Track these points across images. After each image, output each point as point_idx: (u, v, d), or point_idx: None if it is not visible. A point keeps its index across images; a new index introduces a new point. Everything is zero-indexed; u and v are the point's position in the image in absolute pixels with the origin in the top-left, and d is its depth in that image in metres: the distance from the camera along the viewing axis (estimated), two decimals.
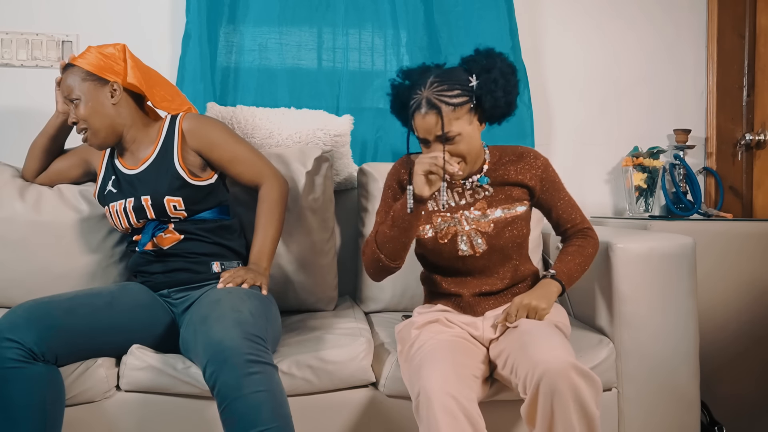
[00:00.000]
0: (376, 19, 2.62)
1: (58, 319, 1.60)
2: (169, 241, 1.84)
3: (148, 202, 1.83)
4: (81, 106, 1.84)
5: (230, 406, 1.44)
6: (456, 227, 1.74)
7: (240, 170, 1.91)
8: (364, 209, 2.28)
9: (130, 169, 1.90)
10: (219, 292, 1.68)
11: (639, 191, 2.67)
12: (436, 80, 1.64)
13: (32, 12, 2.54)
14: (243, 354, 1.46)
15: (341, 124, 2.32)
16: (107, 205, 1.91)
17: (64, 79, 1.87)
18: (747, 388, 2.38)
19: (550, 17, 2.78)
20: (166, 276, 1.85)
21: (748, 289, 2.38)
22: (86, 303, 1.70)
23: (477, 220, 1.73)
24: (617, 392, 1.84)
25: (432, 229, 1.75)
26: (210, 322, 1.54)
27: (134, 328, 1.74)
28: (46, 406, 1.52)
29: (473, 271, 1.76)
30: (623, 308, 1.85)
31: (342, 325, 1.95)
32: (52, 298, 1.68)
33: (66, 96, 1.86)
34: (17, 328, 1.54)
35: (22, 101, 2.53)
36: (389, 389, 1.75)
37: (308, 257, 2.12)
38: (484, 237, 1.72)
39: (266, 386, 1.46)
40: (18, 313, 1.58)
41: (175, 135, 1.89)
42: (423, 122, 1.63)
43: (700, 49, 2.84)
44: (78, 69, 1.86)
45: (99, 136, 1.87)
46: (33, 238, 2.04)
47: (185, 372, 1.67)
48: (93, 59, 1.87)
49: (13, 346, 1.51)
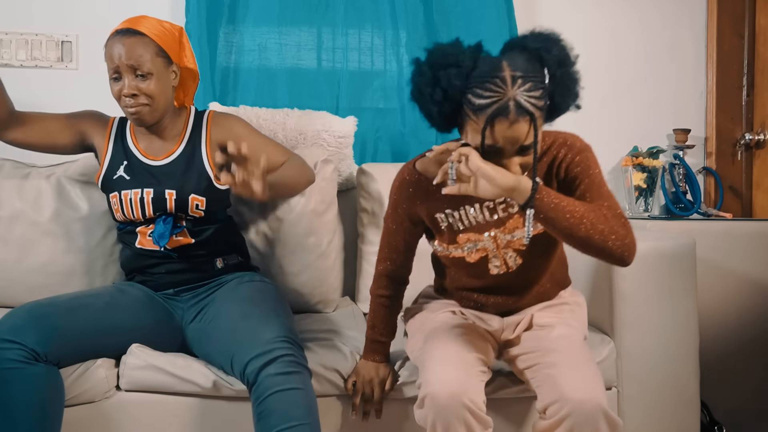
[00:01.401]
0: (376, 20, 2.62)
1: (60, 321, 1.60)
2: (179, 243, 1.83)
3: (172, 197, 1.79)
4: (152, 82, 1.74)
5: (268, 399, 1.48)
6: (486, 246, 1.53)
7: (271, 160, 1.80)
8: (363, 209, 2.28)
9: (151, 159, 1.85)
10: (252, 287, 1.79)
11: (639, 191, 2.67)
12: (520, 76, 1.30)
13: (32, 12, 2.53)
14: (289, 354, 1.54)
15: (345, 126, 2.33)
16: (116, 191, 1.82)
17: (131, 45, 1.73)
18: (747, 387, 2.38)
19: (550, 17, 2.78)
20: (171, 276, 1.84)
21: (748, 288, 2.38)
22: (86, 304, 1.70)
23: (510, 240, 1.52)
24: (617, 392, 1.84)
25: (453, 250, 1.56)
26: (255, 320, 1.62)
27: (135, 328, 1.74)
28: (46, 406, 1.52)
29: (503, 286, 1.59)
30: (623, 308, 1.85)
31: (342, 325, 1.95)
32: (52, 300, 1.68)
33: (133, 65, 1.72)
34: (18, 329, 1.53)
35: (21, 101, 2.51)
36: (391, 396, 1.74)
37: (311, 259, 2.12)
38: (519, 254, 1.53)
39: (304, 386, 1.53)
40: (19, 315, 1.57)
41: (203, 132, 1.87)
42: (510, 131, 1.29)
43: (700, 49, 2.84)
44: (150, 41, 1.75)
45: (155, 116, 1.78)
46: (32, 237, 2.04)
47: (185, 371, 1.67)
48: (162, 35, 1.78)
49: (14, 347, 1.51)
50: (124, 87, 1.73)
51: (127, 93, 1.73)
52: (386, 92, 2.64)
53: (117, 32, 1.76)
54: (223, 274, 1.87)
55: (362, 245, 2.28)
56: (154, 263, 1.84)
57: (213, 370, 1.68)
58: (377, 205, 2.24)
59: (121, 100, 1.76)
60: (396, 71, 2.63)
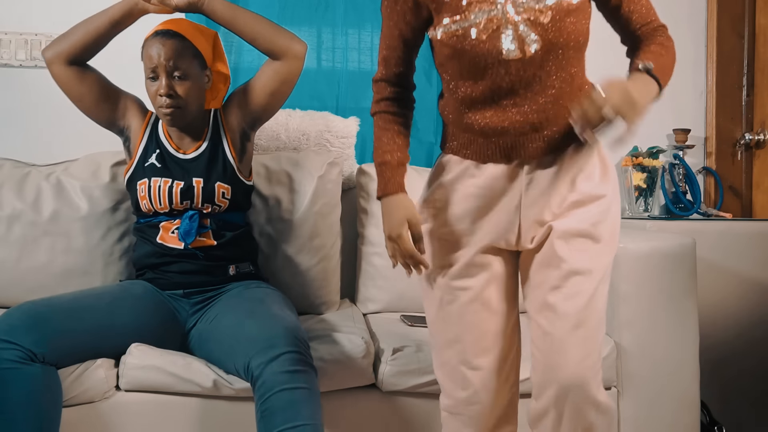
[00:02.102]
0: (376, 19, 2.61)
1: (58, 321, 1.60)
2: (203, 243, 1.84)
3: (199, 185, 1.83)
4: (186, 84, 1.79)
5: (272, 397, 1.47)
6: (499, 16, 1.27)
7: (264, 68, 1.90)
8: (363, 210, 2.27)
9: (181, 152, 1.88)
10: (258, 291, 1.79)
11: (638, 191, 2.67)
12: None
13: (31, 12, 2.53)
14: (295, 352, 1.52)
15: (348, 126, 2.34)
16: (147, 178, 1.85)
17: (171, 47, 1.78)
18: (747, 387, 2.38)
19: None
20: (183, 276, 1.84)
21: (748, 288, 2.38)
22: (86, 305, 1.69)
23: (529, 6, 1.27)
24: (617, 391, 1.84)
25: (460, 23, 1.29)
26: (261, 318, 1.62)
27: (136, 329, 1.73)
28: (43, 407, 1.52)
29: (517, 88, 1.30)
30: (623, 308, 1.85)
31: (341, 326, 1.95)
32: (51, 300, 1.67)
33: (171, 66, 1.77)
34: (14, 329, 1.53)
35: (21, 102, 2.52)
36: (388, 387, 1.75)
37: (315, 261, 2.13)
38: (538, 30, 1.26)
39: (309, 385, 1.51)
40: (15, 315, 1.57)
41: (220, 125, 1.92)
42: None
43: (700, 48, 2.84)
44: (189, 44, 1.81)
45: (185, 119, 1.84)
46: (32, 237, 2.04)
47: (185, 371, 1.67)
48: (199, 38, 1.84)
49: (10, 347, 1.50)
50: (160, 87, 1.77)
51: (163, 93, 1.77)
52: None
53: (157, 33, 1.80)
54: (233, 281, 1.87)
55: (362, 246, 2.28)
56: (169, 261, 1.84)
57: (213, 369, 1.68)
58: (377, 206, 2.24)
59: (156, 99, 1.80)
60: None
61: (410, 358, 1.76)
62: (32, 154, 2.33)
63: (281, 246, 2.11)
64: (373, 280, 2.22)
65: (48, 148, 2.49)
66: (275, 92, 1.90)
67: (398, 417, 1.76)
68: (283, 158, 2.20)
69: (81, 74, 1.89)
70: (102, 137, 2.50)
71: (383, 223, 1.42)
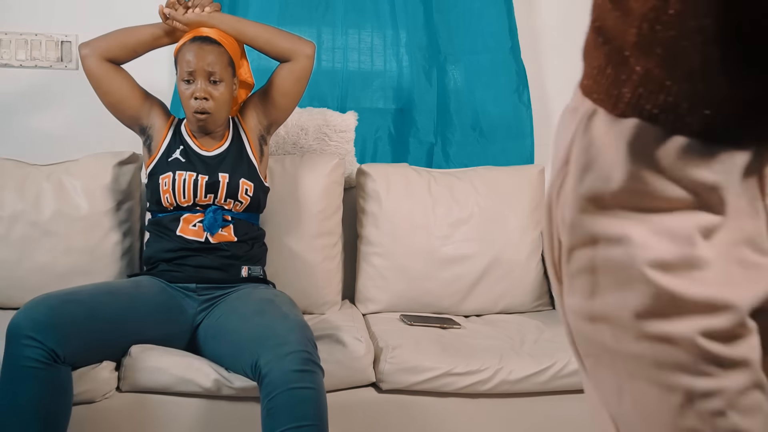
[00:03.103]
0: (376, 19, 2.62)
1: (81, 322, 1.58)
2: (221, 238, 1.86)
3: (225, 180, 1.87)
4: (220, 89, 1.86)
5: (279, 396, 1.47)
6: None
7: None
8: (363, 210, 2.28)
9: (204, 150, 1.92)
10: (267, 292, 1.81)
11: None
12: None
13: (31, 12, 2.53)
14: (303, 351, 1.53)
15: (346, 121, 2.34)
16: (171, 171, 1.88)
17: (210, 52, 1.85)
18: None
19: (550, 16, 2.77)
20: (197, 271, 1.84)
21: None
22: (106, 303, 1.68)
23: None
24: None
25: None
26: (270, 317, 1.64)
27: (149, 331, 1.73)
28: (58, 409, 1.51)
29: None
30: None
31: (341, 326, 1.95)
32: (74, 294, 1.65)
33: (209, 71, 1.84)
34: (40, 327, 1.51)
35: (21, 102, 2.52)
36: (387, 386, 1.75)
37: (316, 261, 2.14)
38: None
39: (316, 385, 1.52)
40: (41, 311, 1.55)
41: (240, 127, 1.99)
42: None
43: None
44: (225, 51, 1.88)
45: (216, 124, 1.91)
46: (33, 237, 2.04)
47: (186, 371, 1.67)
48: (232, 47, 1.91)
49: (34, 345, 1.49)
50: (197, 90, 1.83)
51: (200, 95, 1.83)
52: (386, 92, 2.64)
53: (196, 38, 1.87)
54: (244, 283, 1.89)
55: (362, 246, 2.28)
56: (186, 255, 1.85)
57: (214, 368, 1.68)
58: (376, 206, 2.24)
59: (191, 102, 1.85)
60: (396, 71, 2.63)
61: (409, 356, 1.76)
62: (33, 155, 2.33)
63: (283, 246, 2.11)
64: (373, 280, 2.23)
65: (48, 149, 2.49)
66: (289, 92, 1.98)
67: (398, 415, 1.76)
68: (286, 160, 2.22)
69: (114, 71, 1.94)
70: (103, 137, 2.51)
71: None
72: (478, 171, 2.37)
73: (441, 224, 2.23)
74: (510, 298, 2.23)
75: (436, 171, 2.38)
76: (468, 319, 2.18)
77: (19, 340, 1.49)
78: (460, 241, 2.22)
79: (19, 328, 1.50)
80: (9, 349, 1.50)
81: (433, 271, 2.20)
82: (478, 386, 1.76)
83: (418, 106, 2.60)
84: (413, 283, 2.20)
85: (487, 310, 2.24)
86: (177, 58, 1.89)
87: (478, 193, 2.28)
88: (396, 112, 2.63)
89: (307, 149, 2.32)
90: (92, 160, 2.16)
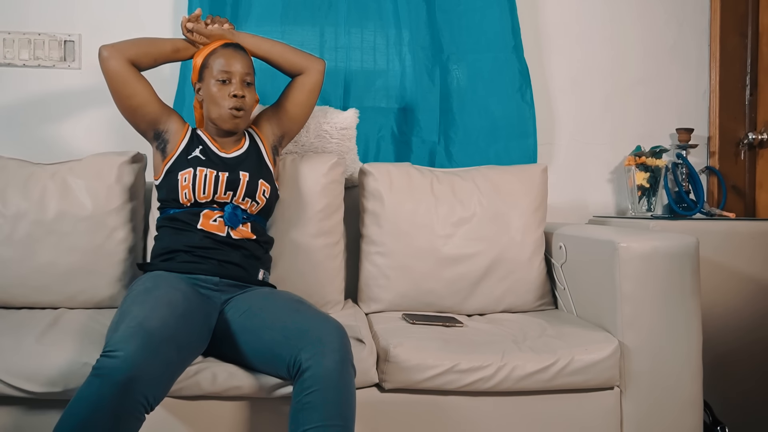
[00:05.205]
0: (378, 19, 2.62)
1: (173, 374, 1.52)
2: (241, 234, 1.90)
3: (245, 178, 1.92)
4: (251, 92, 1.99)
5: (318, 392, 1.47)
6: None
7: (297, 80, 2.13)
8: (365, 209, 2.28)
9: (223, 152, 1.98)
10: (291, 294, 1.86)
11: (641, 191, 2.67)
12: None
13: (34, 12, 2.54)
14: (349, 352, 1.55)
15: (347, 118, 2.34)
16: (192, 167, 1.90)
17: (244, 58, 1.99)
18: (750, 387, 2.38)
19: (553, 16, 2.78)
20: (222, 265, 1.84)
21: (751, 288, 2.38)
22: (182, 337, 1.56)
23: None
24: (620, 391, 1.84)
25: None
26: (309, 315, 1.66)
27: (201, 349, 1.69)
28: None
29: None
30: (626, 307, 1.85)
31: (344, 325, 1.95)
32: (169, 332, 1.51)
33: (245, 74, 1.96)
34: (144, 376, 1.40)
35: (24, 101, 2.53)
36: (390, 385, 1.76)
37: (318, 261, 2.13)
38: None
39: (352, 387, 1.53)
40: (150, 353, 1.43)
41: (255, 135, 2.07)
42: None
43: (703, 48, 2.84)
44: (249, 57, 2.02)
45: (246, 123, 2.00)
46: (37, 236, 2.04)
47: (186, 373, 1.67)
48: (251, 59, 2.05)
49: (139, 394, 1.39)
50: (236, 88, 1.93)
51: (240, 93, 1.93)
52: (389, 91, 2.64)
53: (228, 44, 2.01)
54: (260, 286, 1.90)
55: (364, 245, 2.28)
56: (211, 246, 1.84)
57: (215, 369, 1.67)
58: (378, 205, 2.24)
59: (227, 100, 1.93)
60: (399, 70, 2.63)
61: (412, 354, 1.76)
62: (37, 154, 2.33)
63: (285, 245, 2.11)
64: (375, 279, 2.23)
65: (52, 148, 2.50)
66: (302, 103, 2.12)
67: (401, 414, 1.76)
68: (287, 159, 2.22)
69: (136, 75, 1.99)
70: (107, 137, 2.52)
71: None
72: (480, 170, 2.37)
73: (444, 223, 2.23)
74: (513, 297, 2.23)
75: (438, 170, 2.38)
76: (470, 318, 2.18)
77: (135, 397, 1.39)
78: (463, 240, 2.22)
79: (136, 383, 1.39)
80: (119, 400, 1.37)
81: (436, 270, 2.20)
82: (481, 384, 1.76)
83: (420, 105, 2.61)
84: (416, 283, 2.20)
85: (489, 309, 2.24)
86: (205, 63, 1.99)
87: (481, 192, 2.28)
88: (399, 112, 2.64)
89: (309, 147, 2.32)
90: (96, 160, 2.16)
